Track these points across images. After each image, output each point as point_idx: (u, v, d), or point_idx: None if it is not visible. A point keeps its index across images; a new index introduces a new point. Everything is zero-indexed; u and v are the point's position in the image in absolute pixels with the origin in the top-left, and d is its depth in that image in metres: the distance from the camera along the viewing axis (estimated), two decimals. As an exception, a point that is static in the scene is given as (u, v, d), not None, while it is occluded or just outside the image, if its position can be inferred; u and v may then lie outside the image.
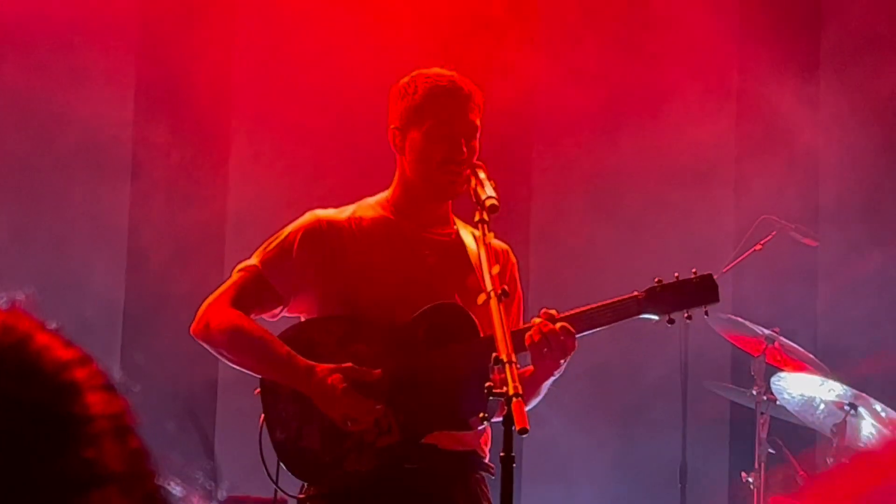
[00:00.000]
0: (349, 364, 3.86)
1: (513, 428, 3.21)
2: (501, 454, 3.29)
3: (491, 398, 3.28)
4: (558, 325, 3.77)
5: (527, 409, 3.92)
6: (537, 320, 3.79)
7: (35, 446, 1.22)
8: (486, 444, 4.08)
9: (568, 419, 3.82)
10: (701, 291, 3.94)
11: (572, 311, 3.88)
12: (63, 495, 1.21)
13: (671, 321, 3.93)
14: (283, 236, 4.07)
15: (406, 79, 4.08)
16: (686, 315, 3.95)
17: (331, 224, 4.06)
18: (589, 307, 3.88)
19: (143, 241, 7.55)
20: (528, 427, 3.20)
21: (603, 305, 3.88)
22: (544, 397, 4.04)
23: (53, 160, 7.63)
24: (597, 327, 3.88)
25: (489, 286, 3.49)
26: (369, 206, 4.14)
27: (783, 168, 7.83)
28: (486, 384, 3.29)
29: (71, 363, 1.27)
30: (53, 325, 1.29)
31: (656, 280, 3.93)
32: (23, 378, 1.25)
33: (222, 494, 5.56)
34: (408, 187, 4.07)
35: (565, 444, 7.54)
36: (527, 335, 3.77)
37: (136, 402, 1.30)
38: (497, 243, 4.11)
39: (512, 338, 3.57)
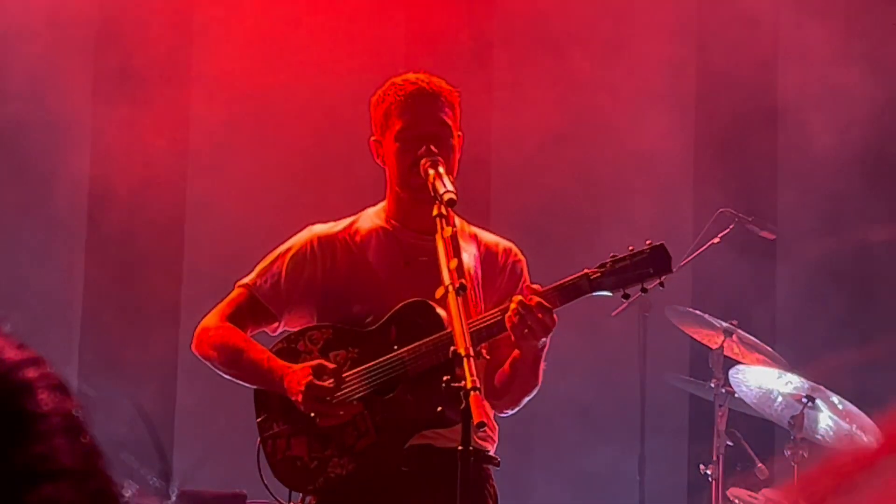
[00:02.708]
0: (319, 361, 3.90)
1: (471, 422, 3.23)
2: (459, 448, 3.31)
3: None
4: (535, 302, 3.75)
5: (528, 397, 4.01)
6: (512, 305, 3.79)
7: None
8: (492, 434, 4.05)
9: (525, 412, 3.84)
10: (652, 263, 3.80)
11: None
12: (15, 489, 1.23)
13: (626, 296, 3.85)
14: (274, 256, 4.13)
15: (380, 90, 4.09)
16: (641, 288, 3.83)
17: (322, 242, 4.10)
18: (540, 290, 3.83)
19: (101, 240, 7.53)
20: (485, 421, 3.22)
21: (554, 287, 3.83)
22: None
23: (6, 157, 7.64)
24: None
25: (447, 280, 3.50)
26: (368, 216, 4.18)
27: (741, 161, 7.89)
28: (444, 377, 3.31)
29: (23, 363, 1.29)
30: (7, 328, 1.32)
31: (611, 255, 3.84)
32: (-25, 377, 1.27)
33: (174, 492, 5.58)
34: (395, 195, 4.09)
35: (523, 436, 7.57)
36: (506, 317, 3.77)
37: (90, 402, 1.33)
38: (500, 241, 4.16)
39: (487, 324, 3.74)
